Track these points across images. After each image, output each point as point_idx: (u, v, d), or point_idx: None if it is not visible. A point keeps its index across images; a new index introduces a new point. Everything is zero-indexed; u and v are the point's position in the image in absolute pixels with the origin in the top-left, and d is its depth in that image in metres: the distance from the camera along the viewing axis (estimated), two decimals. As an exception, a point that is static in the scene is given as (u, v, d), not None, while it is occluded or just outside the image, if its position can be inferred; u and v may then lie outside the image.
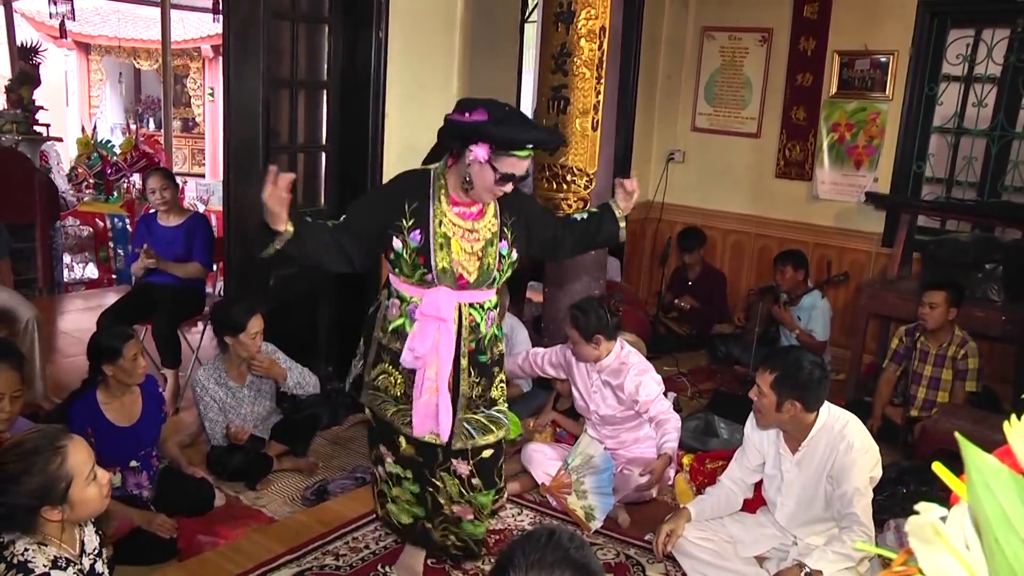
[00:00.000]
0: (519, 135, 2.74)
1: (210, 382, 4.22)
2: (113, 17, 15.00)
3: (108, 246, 8.15)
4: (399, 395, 2.98)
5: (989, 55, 6.10)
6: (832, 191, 6.68)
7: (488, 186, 2.76)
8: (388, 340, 2.97)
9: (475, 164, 2.72)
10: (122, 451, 3.62)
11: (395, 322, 2.94)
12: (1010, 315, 5.02)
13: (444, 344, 2.88)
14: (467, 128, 2.70)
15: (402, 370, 2.94)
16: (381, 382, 3.01)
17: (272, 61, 4.55)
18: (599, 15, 4.36)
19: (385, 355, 2.99)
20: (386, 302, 2.99)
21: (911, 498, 3.81)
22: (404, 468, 3.11)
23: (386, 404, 3.02)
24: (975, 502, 0.74)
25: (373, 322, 3.04)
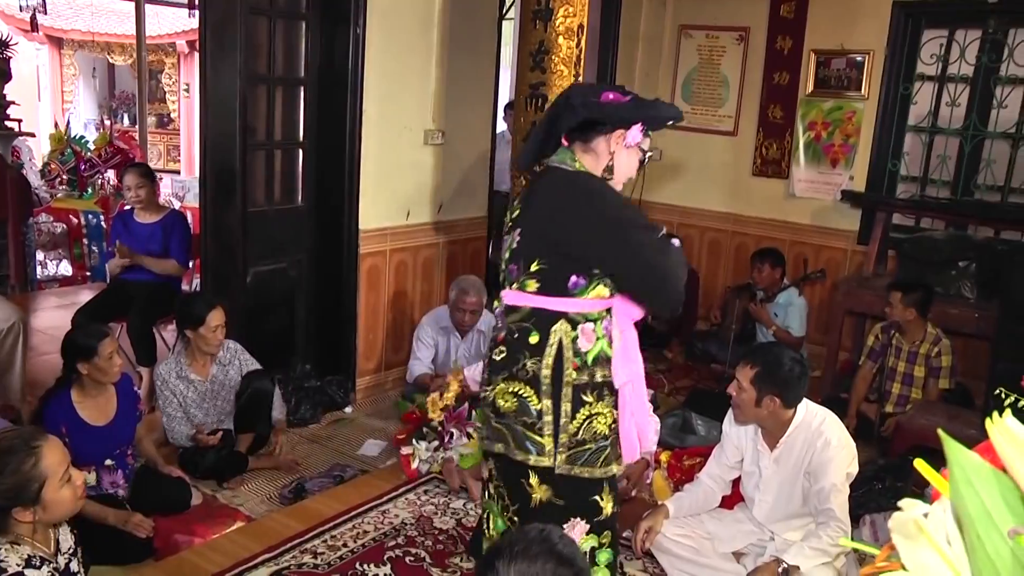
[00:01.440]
0: (665, 112, 2.62)
1: (171, 376, 4.20)
2: (86, 11, 14.84)
3: (82, 243, 8.07)
4: (608, 431, 2.56)
5: (962, 55, 6.15)
6: (808, 189, 6.71)
7: (631, 170, 2.60)
8: (589, 375, 2.50)
9: (623, 148, 2.53)
10: (97, 450, 3.59)
11: (593, 350, 2.50)
12: (983, 312, 5.07)
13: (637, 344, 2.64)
14: (629, 108, 2.51)
15: (608, 398, 2.55)
16: (586, 431, 2.52)
17: (249, 57, 4.53)
18: (577, 12, 4.36)
19: (588, 393, 2.51)
20: (572, 334, 2.48)
21: (887, 494, 3.87)
22: (600, 534, 2.65)
23: (596, 454, 2.54)
24: (957, 498, 0.75)
25: (561, 370, 2.48)
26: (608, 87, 2.57)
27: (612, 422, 2.56)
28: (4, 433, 2.38)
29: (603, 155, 2.54)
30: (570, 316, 2.47)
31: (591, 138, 2.53)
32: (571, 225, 2.46)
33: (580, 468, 2.52)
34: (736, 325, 5.95)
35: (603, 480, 2.58)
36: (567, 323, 2.47)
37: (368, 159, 4.92)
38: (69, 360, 3.60)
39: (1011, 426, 0.76)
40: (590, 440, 2.51)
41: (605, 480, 2.58)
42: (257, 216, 4.75)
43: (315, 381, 4.95)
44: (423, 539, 3.71)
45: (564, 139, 2.59)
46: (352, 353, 5.15)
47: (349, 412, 5.05)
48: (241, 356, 4.39)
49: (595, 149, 2.54)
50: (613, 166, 2.55)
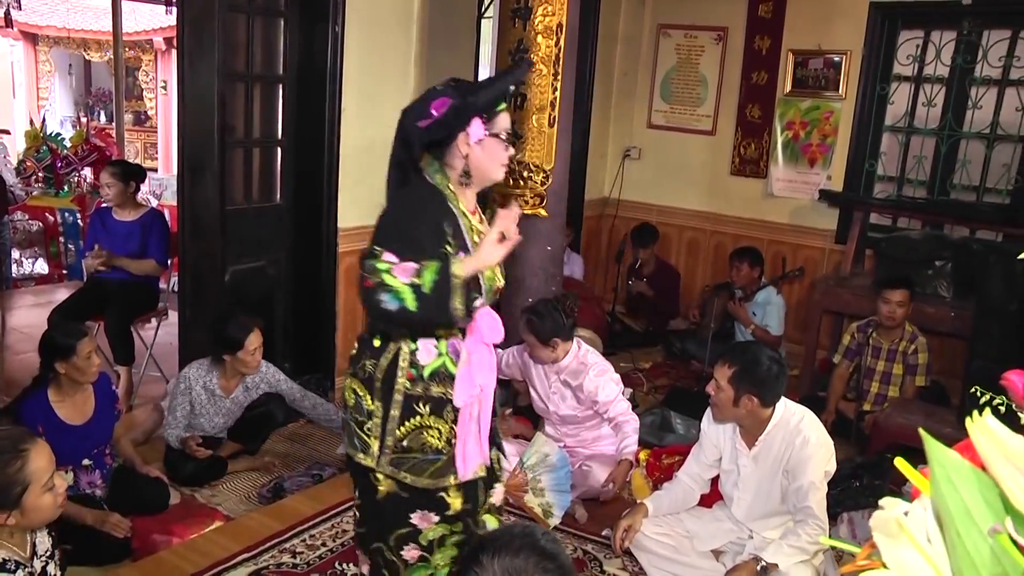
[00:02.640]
0: (497, 86, 2.56)
1: (197, 383, 4.17)
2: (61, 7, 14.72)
3: (59, 241, 8.00)
4: (441, 446, 2.54)
5: (938, 56, 6.21)
6: (786, 188, 6.75)
7: (499, 156, 2.50)
8: (423, 388, 2.50)
9: (475, 146, 2.46)
10: (75, 450, 3.56)
11: (432, 365, 2.49)
12: (959, 311, 5.11)
13: (493, 368, 2.61)
14: (451, 117, 2.43)
15: (446, 415, 2.52)
16: (414, 440, 2.52)
17: (227, 55, 4.49)
18: (556, 12, 4.36)
19: (420, 405, 2.50)
20: (411, 346, 2.49)
21: (864, 492, 3.90)
22: (453, 523, 2.66)
23: (422, 464, 2.54)
24: (938, 496, 0.76)
25: (393, 376, 2.50)
26: (437, 93, 2.48)
27: (448, 439, 2.54)
28: None
29: (458, 161, 2.49)
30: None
31: (444, 152, 2.50)
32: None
33: (405, 473, 2.53)
34: (715, 324, 5.97)
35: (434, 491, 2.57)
36: (409, 335, 2.49)
37: (347, 157, 4.91)
38: (46, 359, 3.57)
39: (991, 425, 0.77)
40: (417, 450, 2.52)
41: (438, 490, 2.58)
42: (236, 214, 4.72)
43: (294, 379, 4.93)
44: (403, 538, 3.70)
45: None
46: (331, 352, 5.13)
47: (328, 411, 5.03)
48: (271, 379, 4.35)
49: (450, 162, 2.51)
50: (470, 169, 2.49)
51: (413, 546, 2.64)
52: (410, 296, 2.28)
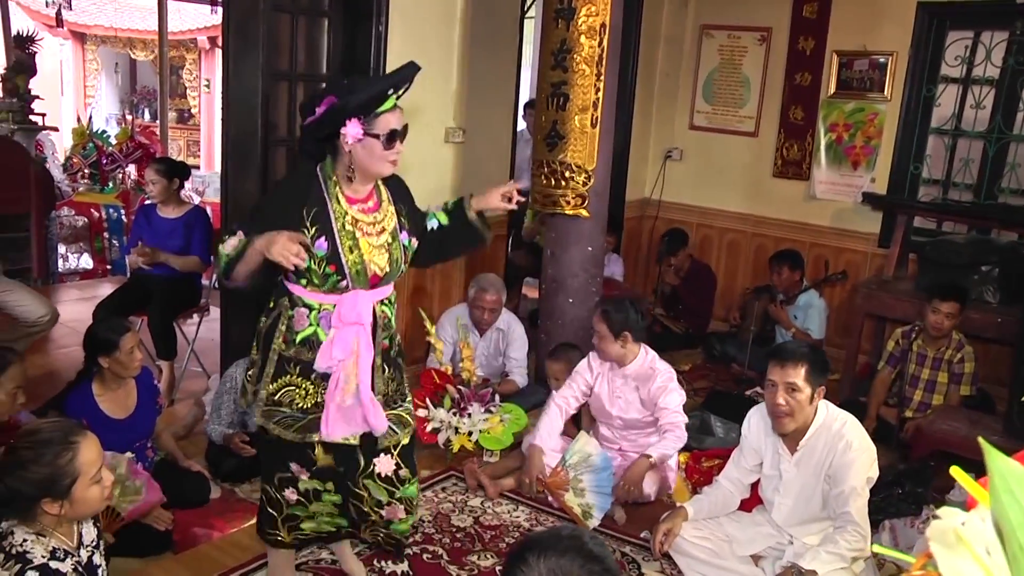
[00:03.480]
0: (375, 88, 2.68)
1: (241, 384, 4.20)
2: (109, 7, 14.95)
3: (103, 236, 8.13)
4: (308, 406, 2.79)
5: (987, 57, 6.11)
6: (829, 191, 6.68)
7: (380, 155, 2.68)
8: (295, 351, 2.76)
9: (356, 145, 2.64)
10: (118, 443, 3.60)
11: (304, 332, 2.75)
12: (1005, 317, 5.03)
13: (364, 348, 2.75)
14: (327, 119, 2.63)
15: (314, 379, 2.77)
16: (284, 396, 2.78)
17: (271, 54, 4.53)
18: (600, 12, 4.35)
19: (291, 367, 2.77)
20: (289, 312, 2.76)
21: (906, 499, 3.83)
22: (324, 480, 2.90)
23: (289, 419, 2.79)
24: (998, 507, 0.74)
25: (272, 335, 2.78)
26: (326, 92, 2.72)
27: (316, 401, 2.78)
28: (46, 422, 2.40)
29: (344, 157, 2.70)
30: (293, 297, 2.75)
31: (335, 146, 2.71)
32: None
33: (274, 426, 2.80)
34: (755, 327, 5.93)
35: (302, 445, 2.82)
36: (289, 301, 2.77)
37: (388, 156, 4.92)
38: (90, 354, 3.63)
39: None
40: (286, 405, 2.79)
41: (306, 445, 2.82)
42: (278, 212, 4.76)
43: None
44: (440, 536, 3.71)
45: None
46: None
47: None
48: None
49: (339, 156, 2.73)
50: (353, 164, 2.70)
51: (292, 490, 2.92)
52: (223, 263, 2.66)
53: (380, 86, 2.70)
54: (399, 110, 2.73)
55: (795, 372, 3.09)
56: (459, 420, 4.37)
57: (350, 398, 2.75)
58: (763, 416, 3.36)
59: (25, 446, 2.26)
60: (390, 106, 2.68)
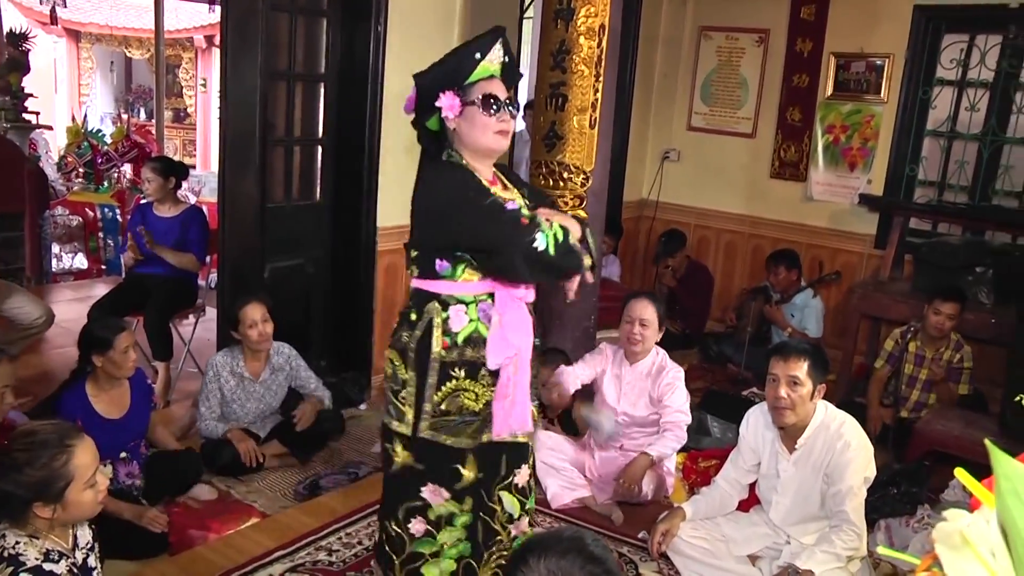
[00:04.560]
0: (460, 55, 2.56)
1: (224, 369, 4.22)
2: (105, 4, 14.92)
3: (98, 236, 8.10)
4: (480, 408, 2.61)
5: (982, 60, 6.13)
6: (826, 192, 6.69)
7: (483, 123, 2.50)
8: (458, 354, 2.56)
9: (458, 121, 2.51)
10: (112, 443, 3.60)
11: (465, 330, 2.55)
12: (999, 318, 5.04)
13: (529, 330, 2.62)
14: (420, 100, 2.54)
15: (482, 378, 2.59)
16: (452, 404, 2.59)
17: (270, 53, 4.53)
18: (599, 13, 4.35)
19: (456, 370, 2.57)
20: (441, 315, 2.55)
21: (902, 499, 3.85)
22: (461, 501, 2.69)
23: (461, 425, 2.62)
24: (1003, 509, 0.74)
25: (427, 344, 2.57)
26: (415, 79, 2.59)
27: (486, 402, 2.61)
28: (41, 425, 2.38)
29: (456, 138, 2.57)
30: (442, 298, 2.55)
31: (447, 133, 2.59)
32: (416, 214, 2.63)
33: (445, 436, 2.61)
34: (751, 327, 5.93)
35: (468, 450, 2.64)
36: (439, 304, 2.55)
37: (387, 156, 4.93)
38: (85, 352, 3.62)
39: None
40: (455, 412, 2.60)
41: (471, 450, 2.65)
42: (276, 212, 4.76)
43: (331, 378, 4.95)
44: (438, 537, 3.71)
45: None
46: (368, 350, 5.15)
47: (364, 409, 5.05)
48: (295, 362, 4.41)
49: (453, 142, 2.59)
50: (463, 143, 2.55)
51: (420, 519, 2.69)
52: (552, 242, 2.40)
53: (466, 51, 2.55)
54: (498, 81, 2.55)
55: (798, 366, 3.12)
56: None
57: (513, 390, 2.62)
58: (761, 416, 3.37)
59: (20, 448, 2.24)
60: (485, 74, 2.51)
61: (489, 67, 2.52)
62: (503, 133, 2.54)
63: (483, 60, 2.50)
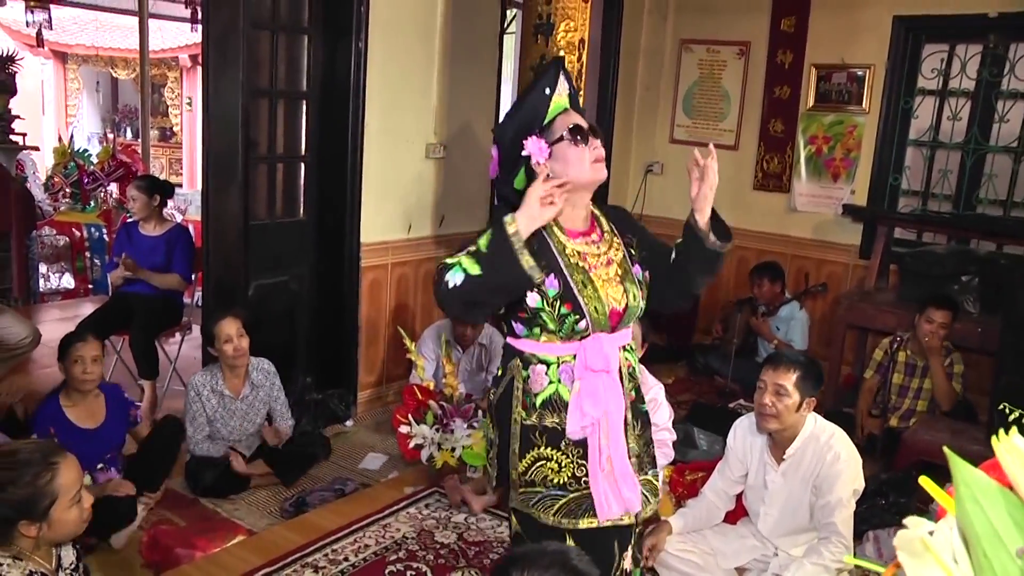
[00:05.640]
0: (529, 98, 2.39)
1: (205, 388, 4.21)
2: (91, 26, 14.90)
3: (85, 256, 8.09)
4: (565, 481, 2.37)
5: (963, 70, 6.16)
6: (810, 203, 6.71)
7: (576, 157, 2.32)
8: (538, 418, 2.37)
9: (550, 164, 2.30)
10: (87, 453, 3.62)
11: (544, 392, 2.36)
12: (986, 326, 5.05)
13: (614, 399, 2.36)
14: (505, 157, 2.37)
15: (565, 447, 2.36)
16: (536, 473, 2.38)
17: (251, 71, 4.54)
18: (578, 27, 4.37)
19: (537, 436, 2.37)
20: (523, 373, 2.38)
21: (890, 510, 3.85)
22: None
23: (547, 500, 2.38)
24: (963, 516, 0.75)
25: (508, 404, 2.41)
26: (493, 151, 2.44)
27: (573, 474, 2.37)
28: (25, 443, 2.38)
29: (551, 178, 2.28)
30: (524, 355, 2.38)
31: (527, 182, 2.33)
32: None
33: (534, 509, 2.40)
34: (737, 339, 5.94)
35: (568, 532, 2.39)
36: (520, 361, 2.39)
37: (370, 172, 4.93)
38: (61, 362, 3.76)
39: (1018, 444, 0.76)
40: (540, 484, 2.38)
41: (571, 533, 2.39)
42: (259, 229, 4.76)
43: (316, 394, 4.95)
44: (424, 553, 3.70)
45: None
46: (353, 366, 5.15)
47: (350, 425, 5.05)
48: (274, 380, 4.42)
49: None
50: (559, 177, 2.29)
51: None
52: (470, 261, 2.17)
53: (532, 92, 2.39)
54: (573, 112, 2.39)
55: (785, 376, 3.11)
56: (442, 436, 4.36)
57: (607, 464, 2.36)
58: (749, 426, 3.37)
59: (3, 467, 2.23)
60: (560, 110, 2.37)
61: (561, 102, 2.39)
62: (600, 160, 2.36)
63: (553, 95, 2.37)
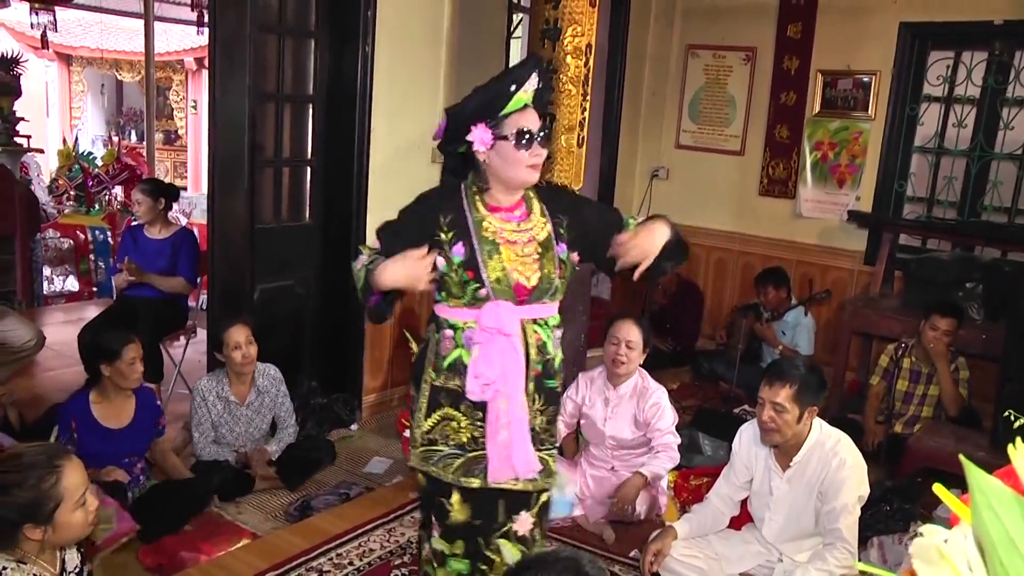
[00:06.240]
0: (493, 86, 2.44)
1: (210, 394, 4.22)
2: (95, 28, 14.93)
3: (89, 259, 8.10)
4: (466, 441, 2.54)
5: (968, 77, 6.16)
6: (815, 209, 6.71)
7: (515, 158, 2.41)
8: (444, 379, 2.53)
9: (489, 154, 2.42)
10: (105, 452, 3.71)
11: (450, 356, 2.51)
12: (990, 333, 5.05)
13: (512, 365, 2.46)
14: (451, 130, 2.46)
15: (467, 409, 2.52)
16: (439, 432, 2.56)
17: (258, 75, 4.54)
18: (585, 32, 4.37)
19: (443, 398, 2.54)
20: (435, 336, 2.55)
21: (895, 516, 3.84)
22: (451, 542, 2.65)
23: (448, 458, 2.55)
24: (979, 524, 0.75)
25: (423, 365, 2.59)
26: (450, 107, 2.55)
27: (472, 435, 2.53)
28: (29, 447, 2.38)
29: (484, 171, 2.48)
30: (439, 320, 2.54)
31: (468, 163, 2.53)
32: None
33: (432, 467, 2.58)
34: (742, 345, 5.94)
35: (456, 488, 2.58)
36: (436, 325, 2.56)
37: (376, 177, 4.93)
38: (92, 362, 3.78)
39: (1033, 452, 0.76)
40: (442, 442, 2.56)
41: (459, 489, 2.58)
42: (265, 233, 4.76)
43: (321, 399, 4.95)
44: (429, 558, 3.69)
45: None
46: (358, 371, 5.14)
47: (355, 430, 5.04)
48: (281, 387, 4.42)
49: (480, 172, 2.50)
50: (490, 174, 2.48)
51: (427, 545, 2.73)
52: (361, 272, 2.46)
53: (501, 84, 2.43)
54: (532, 110, 2.45)
55: (781, 393, 3.10)
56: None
57: (505, 431, 2.48)
58: (754, 432, 3.36)
59: (8, 470, 2.23)
60: (519, 106, 2.42)
61: (523, 97, 2.43)
62: (535, 167, 2.46)
63: (518, 91, 2.41)
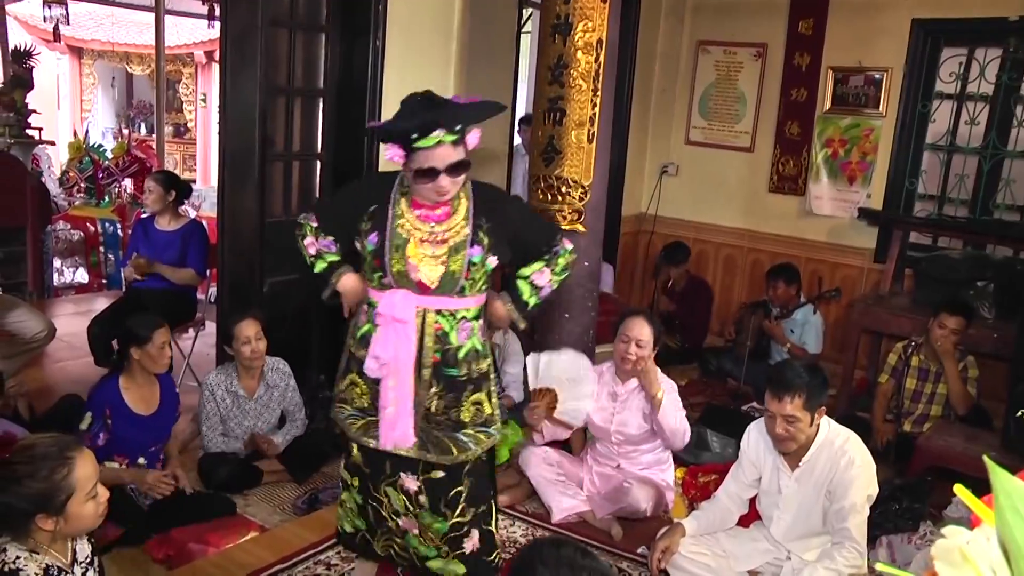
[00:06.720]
0: (399, 125, 2.59)
1: (219, 388, 4.22)
2: (107, 21, 14.93)
3: (99, 251, 8.11)
4: (365, 406, 2.85)
5: (981, 74, 6.14)
6: (825, 206, 6.69)
7: (420, 186, 2.64)
8: (356, 348, 2.85)
9: (404, 164, 2.65)
10: (136, 439, 3.76)
11: (362, 328, 2.82)
12: (1001, 332, 5.03)
13: (404, 349, 2.70)
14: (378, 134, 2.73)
15: (367, 380, 2.80)
16: (347, 393, 2.88)
17: (269, 69, 4.54)
18: (596, 28, 4.36)
19: (353, 364, 2.86)
20: (359, 310, 2.89)
21: (903, 515, 3.83)
22: (351, 476, 3.00)
23: (351, 418, 2.89)
24: (1003, 526, 0.74)
25: (347, 335, 2.93)
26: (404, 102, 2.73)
27: (371, 401, 2.82)
28: (42, 438, 2.39)
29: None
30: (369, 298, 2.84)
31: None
32: None
33: (345, 423, 2.92)
34: (751, 342, 5.92)
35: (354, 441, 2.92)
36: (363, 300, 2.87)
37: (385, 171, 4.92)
38: (122, 347, 3.80)
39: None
40: (348, 403, 2.89)
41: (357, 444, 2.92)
42: (275, 227, 4.75)
43: (329, 392, 4.93)
44: (437, 553, 3.69)
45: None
46: (366, 364, 5.14)
47: (363, 424, 5.03)
48: (289, 381, 4.42)
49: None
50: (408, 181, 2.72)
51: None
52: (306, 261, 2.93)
53: (405, 126, 2.56)
54: (445, 146, 2.55)
55: (792, 405, 3.07)
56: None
57: (392, 407, 2.76)
58: (762, 431, 3.35)
59: (20, 461, 2.24)
60: (430, 144, 2.54)
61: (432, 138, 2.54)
62: (441, 193, 2.65)
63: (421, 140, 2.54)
